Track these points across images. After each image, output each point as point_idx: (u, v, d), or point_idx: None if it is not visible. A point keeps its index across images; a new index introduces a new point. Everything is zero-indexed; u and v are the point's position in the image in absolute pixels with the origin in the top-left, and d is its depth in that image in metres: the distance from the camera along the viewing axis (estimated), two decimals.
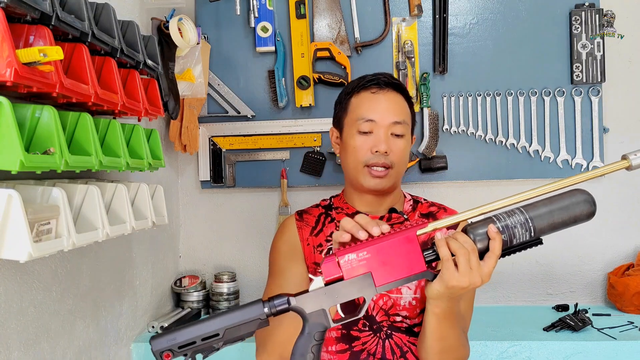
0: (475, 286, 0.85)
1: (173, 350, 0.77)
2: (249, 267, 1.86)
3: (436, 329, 0.97)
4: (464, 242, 0.84)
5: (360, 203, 1.24)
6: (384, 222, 0.84)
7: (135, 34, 1.12)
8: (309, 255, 1.21)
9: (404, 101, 1.22)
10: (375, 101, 1.18)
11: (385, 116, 1.17)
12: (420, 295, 1.15)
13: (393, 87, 1.21)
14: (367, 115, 1.17)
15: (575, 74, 1.73)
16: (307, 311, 0.82)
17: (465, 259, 0.83)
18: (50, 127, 0.83)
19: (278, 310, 0.81)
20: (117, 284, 1.38)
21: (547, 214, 0.83)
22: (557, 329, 1.49)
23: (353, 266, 0.83)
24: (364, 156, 1.17)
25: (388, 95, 1.19)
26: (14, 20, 0.79)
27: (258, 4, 1.76)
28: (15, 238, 0.75)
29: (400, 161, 1.18)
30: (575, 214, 0.84)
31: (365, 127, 1.17)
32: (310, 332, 0.82)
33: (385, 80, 1.21)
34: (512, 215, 0.84)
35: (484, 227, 0.84)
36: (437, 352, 1.02)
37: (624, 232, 1.77)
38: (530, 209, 0.84)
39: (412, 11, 1.76)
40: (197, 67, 1.67)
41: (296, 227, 1.25)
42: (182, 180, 1.88)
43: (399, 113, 1.18)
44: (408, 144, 1.21)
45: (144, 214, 1.16)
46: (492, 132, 1.76)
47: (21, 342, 0.99)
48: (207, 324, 0.79)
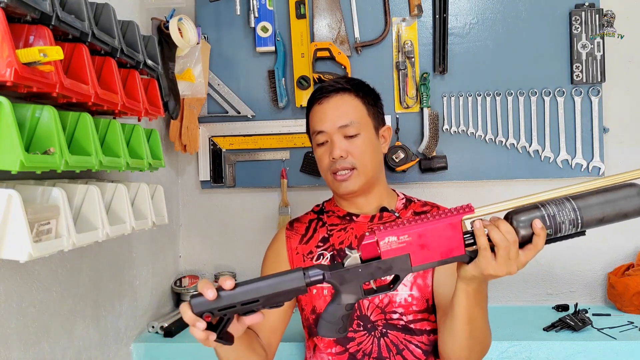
0: (511, 274, 0.84)
1: (213, 312, 0.80)
2: (249, 267, 1.86)
3: (466, 308, 0.94)
4: (506, 233, 0.81)
5: (347, 205, 1.26)
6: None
7: (135, 34, 1.12)
8: (298, 264, 1.23)
9: (352, 100, 1.21)
10: (321, 112, 1.21)
11: (331, 123, 1.19)
12: (417, 293, 1.15)
13: (336, 91, 1.21)
14: (317, 128, 1.21)
15: (575, 74, 1.73)
16: (340, 285, 0.83)
17: (505, 251, 0.82)
18: (50, 127, 0.83)
19: (312, 281, 0.83)
20: (117, 284, 1.38)
21: (597, 206, 0.80)
22: (557, 329, 1.49)
23: (392, 248, 0.82)
24: (326, 165, 1.21)
25: (332, 101, 1.21)
26: (14, 20, 0.79)
27: (258, 4, 1.76)
28: (15, 238, 0.75)
29: (363, 160, 1.18)
30: (625, 208, 0.81)
31: (320, 139, 1.22)
32: (341, 302, 0.84)
33: (330, 87, 1.22)
34: (561, 207, 0.81)
35: (528, 215, 0.82)
36: (466, 337, 0.98)
37: (624, 232, 1.76)
38: (580, 201, 0.81)
39: (412, 11, 1.76)
40: (197, 67, 1.67)
41: (285, 237, 1.27)
42: (182, 180, 1.88)
43: (344, 115, 1.19)
44: (368, 140, 1.20)
45: (144, 214, 1.16)
46: (492, 132, 1.76)
47: (21, 342, 0.99)
48: (248, 290, 0.81)
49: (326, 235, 1.24)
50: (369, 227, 1.22)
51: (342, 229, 1.23)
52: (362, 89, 1.24)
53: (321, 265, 0.84)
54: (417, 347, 1.14)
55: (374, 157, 1.21)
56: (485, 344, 1.04)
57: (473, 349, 1.01)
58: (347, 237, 1.22)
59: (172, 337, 1.52)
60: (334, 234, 1.24)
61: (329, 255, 1.21)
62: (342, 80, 1.24)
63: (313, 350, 1.21)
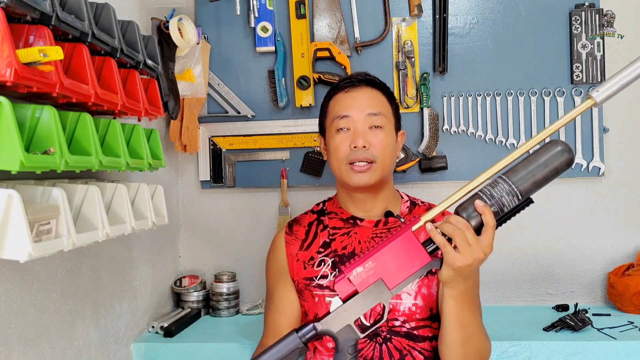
0: (480, 260, 0.87)
1: None
2: (249, 267, 1.86)
3: (456, 314, 0.96)
4: (456, 223, 0.86)
5: (353, 206, 1.23)
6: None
7: (135, 34, 1.12)
8: (299, 271, 1.21)
9: (380, 94, 1.21)
10: (349, 98, 1.19)
11: (360, 110, 1.17)
12: (421, 302, 1.14)
13: (367, 84, 1.21)
14: (342, 112, 1.17)
15: (575, 74, 1.73)
16: (335, 331, 0.88)
17: (461, 238, 0.85)
18: (50, 127, 0.82)
19: (307, 338, 0.88)
20: (117, 284, 1.38)
21: (528, 174, 0.86)
22: (557, 329, 1.49)
23: (363, 278, 0.88)
24: (344, 153, 1.16)
25: (362, 90, 1.20)
26: (14, 20, 0.79)
27: (258, 4, 1.76)
28: (15, 238, 0.75)
29: (384, 154, 1.16)
30: (554, 166, 0.86)
31: (342, 124, 1.17)
32: (343, 349, 0.89)
33: (359, 78, 1.21)
34: (495, 185, 0.88)
35: (472, 204, 0.87)
36: (460, 344, 1.00)
37: (624, 232, 1.77)
38: (511, 174, 0.88)
39: (412, 11, 1.76)
40: (197, 67, 1.67)
41: (284, 242, 1.25)
42: (182, 180, 1.88)
43: (374, 105, 1.18)
44: (391, 137, 1.19)
45: (144, 214, 1.16)
46: (492, 132, 1.76)
47: (21, 342, 0.99)
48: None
49: (327, 240, 1.21)
50: (373, 232, 1.20)
51: (345, 234, 1.21)
52: (388, 89, 1.25)
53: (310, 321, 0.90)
54: (420, 353, 1.14)
55: (392, 155, 1.20)
56: (483, 352, 1.05)
57: (468, 356, 1.02)
58: (350, 242, 1.20)
59: (172, 337, 1.52)
60: (336, 238, 1.21)
61: (330, 262, 1.19)
62: (369, 76, 1.23)
63: (314, 352, 1.21)
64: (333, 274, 1.18)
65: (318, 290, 1.18)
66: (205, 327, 1.64)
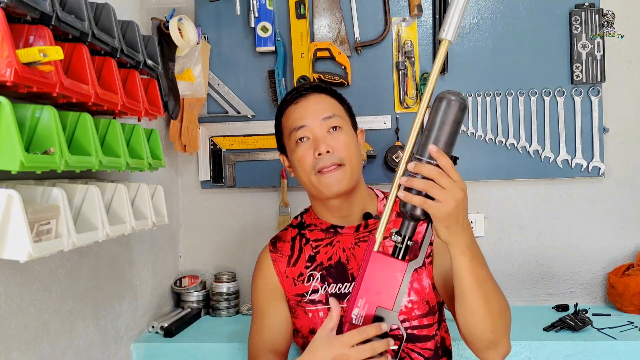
0: (462, 197, 0.86)
1: None
2: (249, 267, 1.84)
3: (469, 271, 0.92)
4: (428, 174, 0.85)
5: (330, 215, 1.21)
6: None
7: (135, 34, 1.12)
8: (289, 289, 1.20)
9: (329, 97, 1.20)
10: (301, 108, 1.17)
11: (314, 116, 1.15)
12: (416, 297, 1.14)
13: (314, 90, 1.20)
14: (298, 124, 1.16)
15: (575, 74, 1.73)
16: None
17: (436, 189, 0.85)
18: (50, 127, 0.83)
19: None
20: (117, 284, 1.38)
21: (435, 141, 0.87)
22: (557, 329, 1.49)
23: (364, 315, 0.91)
24: (310, 163, 1.14)
25: (310, 98, 1.19)
26: (14, 20, 0.79)
27: (258, 4, 1.76)
28: (15, 238, 0.75)
29: (350, 155, 1.14)
30: (452, 120, 0.87)
31: (300, 134, 1.15)
32: None
33: (304, 87, 1.21)
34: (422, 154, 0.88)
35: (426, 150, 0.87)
36: (483, 303, 0.95)
37: (624, 232, 1.77)
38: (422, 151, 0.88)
39: (412, 11, 1.76)
40: (197, 67, 1.67)
41: (271, 261, 1.23)
42: (182, 180, 1.88)
43: (327, 108, 1.17)
44: (351, 136, 1.18)
45: (144, 214, 1.16)
46: (492, 132, 1.76)
47: (21, 341, 0.99)
48: None
49: (312, 254, 1.21)
50: (355, 237, 1.19)
51: (328, 244, 1.20)
52: (334, 91, 1.23)
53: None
54: (420, 354, 1.13)
55: (357, 154, 1.18)
56: (504, 307, 1.01)
57: (493, 315, 0.97)
58: (334, 251, 1.19)
59: (172, 337, 1.52)
60: (320, 250, 1.20)
61: (319, 276, 1.18)
62: (314, 83, 1.24)
63: None
64: (323, 287, 1.18)
65: (311, 306, 1.18)
66: (205, 327, 1.64)
